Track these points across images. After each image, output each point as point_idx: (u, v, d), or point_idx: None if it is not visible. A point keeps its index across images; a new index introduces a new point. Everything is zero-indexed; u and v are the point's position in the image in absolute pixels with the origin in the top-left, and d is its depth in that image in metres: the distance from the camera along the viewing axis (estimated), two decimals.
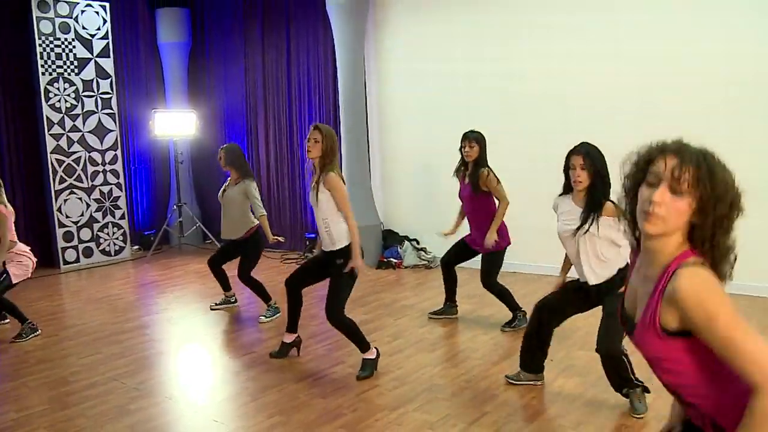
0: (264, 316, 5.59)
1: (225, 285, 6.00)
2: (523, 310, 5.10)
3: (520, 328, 5.03)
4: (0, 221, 5.00)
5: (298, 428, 3.46)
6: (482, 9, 7.03)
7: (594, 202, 3.52)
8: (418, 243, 7.79)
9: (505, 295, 5.18)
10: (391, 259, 7.64)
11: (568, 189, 3.67)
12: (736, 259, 1.59)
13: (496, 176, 5.02)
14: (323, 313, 4.17)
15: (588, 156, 3.51)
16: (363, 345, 4.21)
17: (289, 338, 4.61)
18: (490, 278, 5.16)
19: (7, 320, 5.62)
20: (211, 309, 6.00)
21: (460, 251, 5.38)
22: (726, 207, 1.54)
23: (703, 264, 1.55)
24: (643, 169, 1.62)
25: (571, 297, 3.77)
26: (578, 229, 3.54)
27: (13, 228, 5.16)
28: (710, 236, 1.56)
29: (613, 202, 3.42)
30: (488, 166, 5.04)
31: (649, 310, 1.60)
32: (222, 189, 5.83)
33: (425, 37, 7.53)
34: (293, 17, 8.45)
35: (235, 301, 6.09)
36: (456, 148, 5.18)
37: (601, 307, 3.66)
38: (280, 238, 5.79)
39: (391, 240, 7.86)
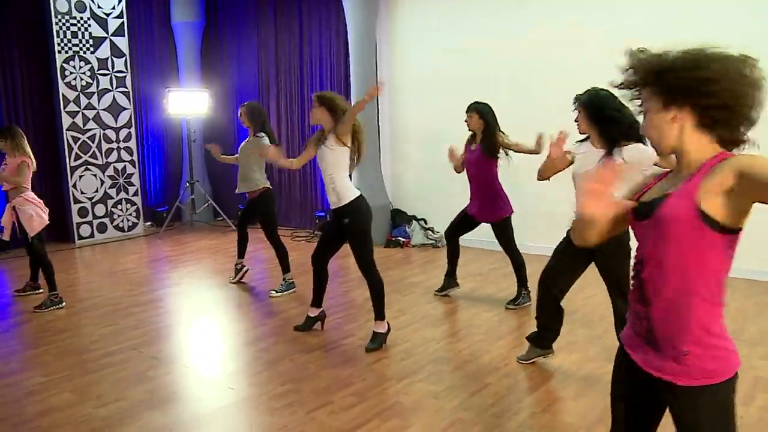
0: (275, 290, 5.75)
1: (241, 251, 6.15)
2: (528, 289, 5.24)
3: (523, 305, 5.19)
4: (21, 169, 5.37)
5: (309, 395, 3.63)
6: None
7: (609, 142, 3.53)
8: (425, 223, 7.94)
9: (521, 268, 5.29)
10: (399, 238, 7.78)
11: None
12: None
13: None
14: (335, 288, 4.32)
15: (582, 106, 3.65)
16: (380, 312, 4.37)
17: (313, 312, 4.76)
18: (510, 244, 5.26)
19: (41, 290, 5.80)
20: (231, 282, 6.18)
21: (462, 222, 5.45)
22: (696, 88, 1.58)
23: None
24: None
25: (567, 259, 3.79)
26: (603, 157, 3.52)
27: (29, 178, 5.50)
28: (709, 121, 1.61)
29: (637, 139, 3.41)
30: (501, 131, 5.14)
31: (687, 185, 1.63)
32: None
33: (436, 17, 7.61)
34: None
35: (241, 268, 6.21)
36: (465, 129, 5.31)
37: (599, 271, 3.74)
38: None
39: (399, 219, 8.00)
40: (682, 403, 1.72)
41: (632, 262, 1.90)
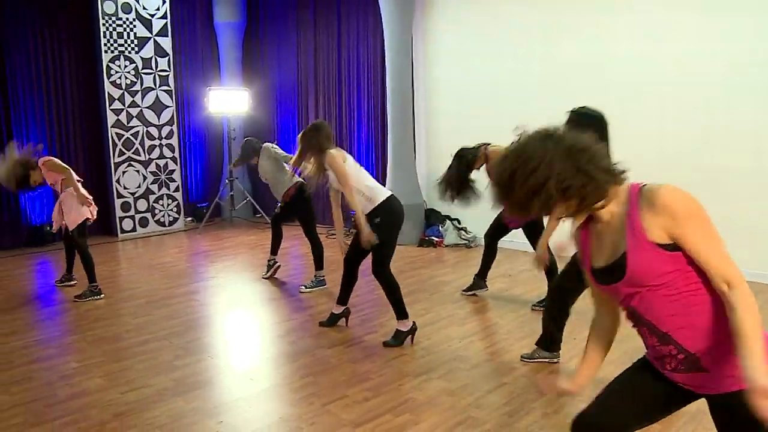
0: (305, 285, 5.87)
1: (274, 247, 6.30)
2: None
3: None
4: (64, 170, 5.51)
5: (326, 388, 3.72)
6: None
7: None
8: (459, 223, 7.96)
9: (553, 272, 5.24)
10: (433, 238, 7.83)
11: None
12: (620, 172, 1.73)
13: None
14: (363, 285, 4.39)
15: (569, 123, 3.63)
16: (401, 311, 4.42)
17: (337, 309, 4.84)
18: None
19: (74, 281, 6.04)
20: (263, 277, 6.33)
21: (499, 227, 5.42)
22: (550, 171, 1.62)
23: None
24: None
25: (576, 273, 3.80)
26: None
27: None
28: (581, 191, 1.65)
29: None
30: None
31: (634, 233, 1.69)
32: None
33: (473, 23, 7.62)
34: (344, 0, 8.64)
35: (273, 264, 6.33)
36: (504, 128, 5.22)
37: None
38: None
39: (433, 219, 8.04)
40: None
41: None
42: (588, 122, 3.56)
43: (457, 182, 5.03)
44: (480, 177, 5.04)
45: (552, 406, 3.48)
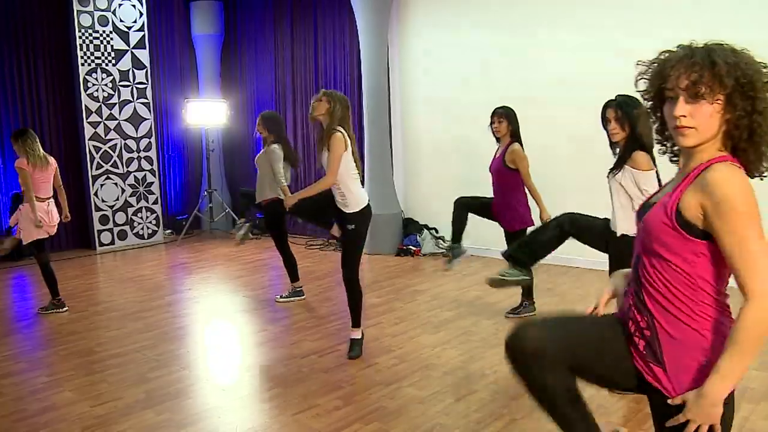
0: (281, 296, 5.87)
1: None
2: (533, 300, 5.25)
3: (524, 315, 5.21)
4: (23, 176, 5.38)
5: (296, 398, 3.73)
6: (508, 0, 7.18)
7: (624, 152, 3.63)
8: (437, 232, 7.99)
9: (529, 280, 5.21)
10: (410, 247, 7.86)
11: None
12: None
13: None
14: (340, 294, 4.38)
15: (619, 107, 3.63)
16: (356, 319, 4.43)
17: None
18: None
19: (66, 309, 5.71)
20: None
21: (483, 207, 5.23)
22: (754, 90, 1.53)
23: (739, 168, 1.59)
24: (659, 86, 1.65)
25: (596, 229, 3.88)
26: (610, 171, 3.71)
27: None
28: (747, 128, 1.56)
29: (646, 152, 3.54)
30: (520, 143, 5.03)
31: (674, 192, 1.65)
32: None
33: (447, 28, 7.71)
34: (320, 8, 8.70)
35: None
36: (478, 137, 5.25)
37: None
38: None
39: (410, 228, 8.07)
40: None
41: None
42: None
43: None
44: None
45: (521, 412, 3.50)
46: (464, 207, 5.27)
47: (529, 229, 4.75)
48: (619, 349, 1.81)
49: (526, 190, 5.06)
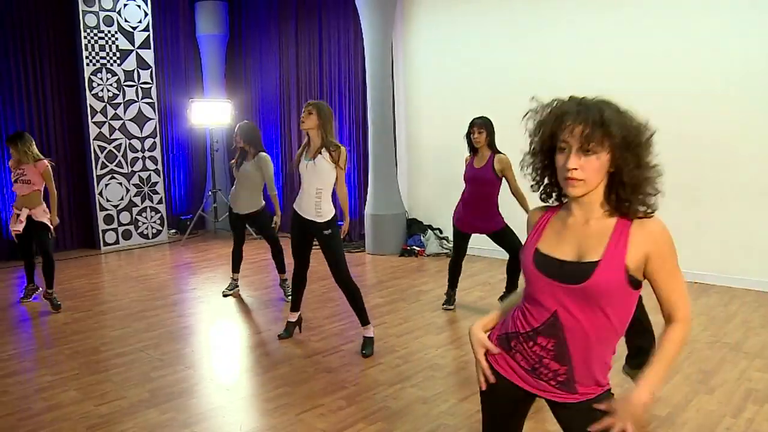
0: (288, 295, 5.82)
1: (235, 266, 6.18)
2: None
3: None
4: (48, 173, 5.70)
5: (300, 398, 3.74)
6: (511, 2, 7.17)
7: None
8: (441, 232, 8.00)
9: (516, 272, 5.28)
10: (414, 247, 7.86)
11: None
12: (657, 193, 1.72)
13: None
14: (339, 296, 4.40)
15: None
16: (363, 316, 4.47)
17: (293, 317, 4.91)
18: (519, 248, 5.25)
19: (38, 288, 6.08)
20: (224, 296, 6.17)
21: (462, 242, 5.43)
22: (639, 148, 1.67)
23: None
24: (550, 136, 1.74)
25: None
26: None
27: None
28: (631, 181, 1.66)
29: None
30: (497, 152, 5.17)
31: (614, 249, 1.68)
32: (235, 162, 5.89)
33: (451, 29, 7.70)
34: (325, 9, 8.71)
35: (236, 286, 6.26)
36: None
37: None
38: (276, 220, 5.82)
39: (414, 228, 8.08)
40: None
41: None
42: None
43: None
44: None
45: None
46: (457, 262, 5.52)
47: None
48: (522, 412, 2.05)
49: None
